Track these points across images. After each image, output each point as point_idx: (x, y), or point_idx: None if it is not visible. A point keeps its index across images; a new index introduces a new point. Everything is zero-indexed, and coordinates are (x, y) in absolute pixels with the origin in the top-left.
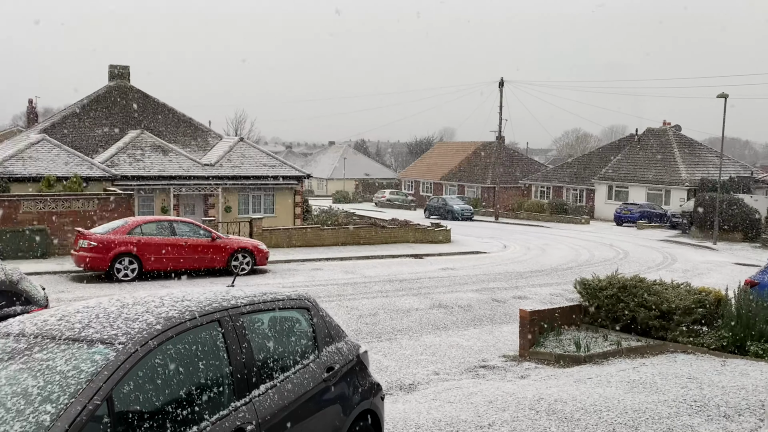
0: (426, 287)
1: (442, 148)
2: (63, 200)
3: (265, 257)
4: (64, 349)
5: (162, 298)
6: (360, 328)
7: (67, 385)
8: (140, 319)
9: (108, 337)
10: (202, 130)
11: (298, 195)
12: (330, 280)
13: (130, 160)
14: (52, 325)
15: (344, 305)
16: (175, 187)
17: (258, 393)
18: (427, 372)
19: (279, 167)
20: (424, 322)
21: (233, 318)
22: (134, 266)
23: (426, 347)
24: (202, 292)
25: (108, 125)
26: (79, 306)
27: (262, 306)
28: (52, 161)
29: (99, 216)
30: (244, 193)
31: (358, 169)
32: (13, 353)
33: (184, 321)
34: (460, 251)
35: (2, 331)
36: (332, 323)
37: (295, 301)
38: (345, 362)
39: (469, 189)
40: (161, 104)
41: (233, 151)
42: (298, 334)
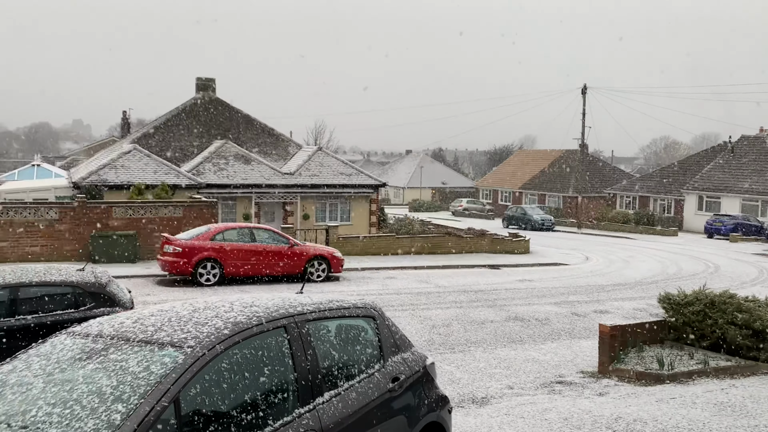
0: (502, 299)
1: (522, 156)
2: (151, 207)
3: (340, 264)
4: (137, 351)
5: (232, 303)
6: (432, 339)
7: (137, 385)
8: (209, 323)
9: (178, 340)
10: (283, 139)
11: (374, 203)
12: (403, 289)
13: (214, 169)
14: (128, 328)
15: (417, 315)
16: (257, 195)
17: (322, 401)
18: (500, 386)
19: (355, 176)
20: (499, 335)
21: (299, 324)
22: (216, 271)
23: (500, 360)
24: (270, 298)
25: (194, 135)
26: (154, 309)
27: (328, 313)
28: (142, 170)
29: (184, 222)
30: (321, 201)
31: (434, 178)
32: (91, 353)
33: (251, 326)
34: (539, 262)
35: (83, 332)
36: (398, 333)
37: (360, 309)
38: (411, 373)
39: (550, 198)
40: (244, 115)
41: (312, 160)
42: (363, 342)
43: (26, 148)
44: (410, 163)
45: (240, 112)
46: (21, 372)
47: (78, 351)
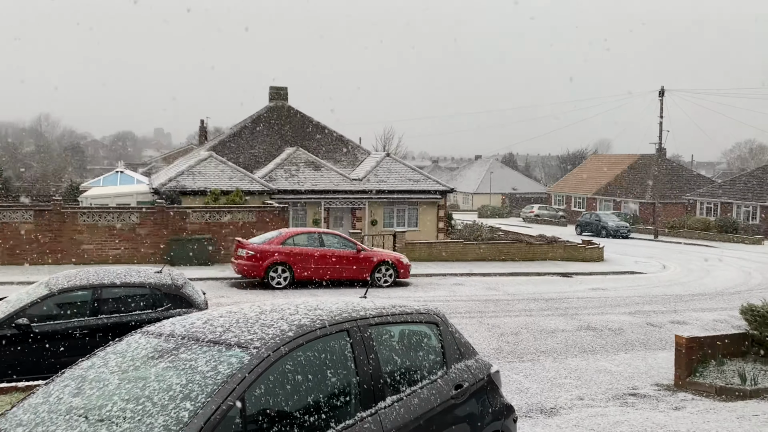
0: (574, 307)
1: (597, 161)
2: (226, 212)
3: (407, 270)
4: (206, 350)
5: (297, 306)
6: (501, 347)
7: (205, 384)
8: (275, 325)
9: (244, 341)
10: (352, 146)
11: (442, 209)
12: (471, 296)
13: (286, 175)
14: (198, 328)
15: (485, 323)
16: (326, 201)
17: (384, 405)
18: (570, 396)
19: (423, 182)
20: (570, 344)
21: (361, 329)
22: (286, 275)
23: (571, 370)
24: (334, 302)
25: (267, 142)
26: (223, 311)
27: (391, 318)
28: (217, 176)
29: (257, 227)
30: (389, 207)
31: (505, 183)
32: (163, 352)
33: (315, 329)
34: (613, 271)
35: (156, 331)
36: (462, 340)
37: (423, 315)
38: (475, 381)
39: (625, 204)
40: (315, 122)
41: (380, 166)
42: (426, 348)
43: (111, 156)
44: (480, 169)
45: (311, 119)
46: (99, 368)
47: (151, 350)
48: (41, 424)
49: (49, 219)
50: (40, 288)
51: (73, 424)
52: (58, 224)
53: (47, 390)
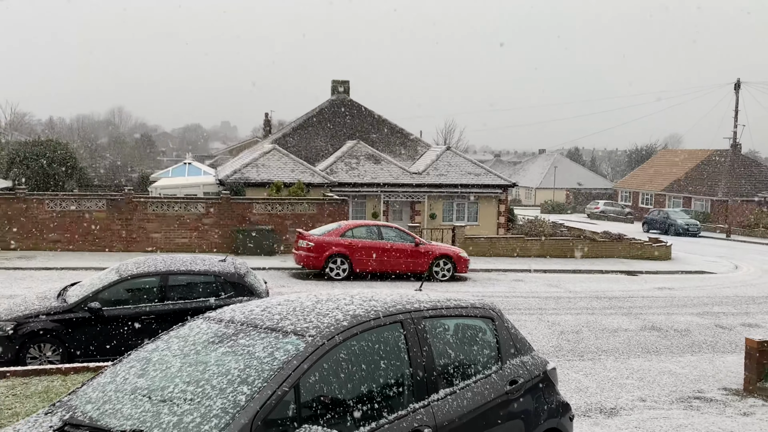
0: (638, 307)
1: (666, 157)
2: (288, 204)
3: (465, 265)
4: (263, 337)
5: (352, 297)
6: (560, 345)
7: (262, 370)
8: (330, 314)
9: (300, 329)
10: (412, 139)
11: (503, 204)
12: (532, 292)
13: (346, 168)
14: (256, 315)
15: (545, 320)
16: (385, 194)
17: (437, 397)
18: (631, 397)
19: (484, 176)
20: (633, 344)
21: (415, 321)
22: (345, 266)
23: (633, 371)
24: (389, 294)
25: (328, 135)
26: (281, 299)
27: (445, 312)
28: (280, 169)
29: (317, 219)
30: (448, 201)
31: (569, 179)
32: (222, 337)
33: (369, 320)
34: (681, 270)
35: (217, 317)
36: (518, 336)
37: (479, 309)
38: (530, 377)
39: (696, 202)
40: (376, 116)
41: (440, 159)
42: (480, 343)
43: (180, 148)
44: (543, 163)
45: (372, 113)
46: (162, 351)
47: (212, 335)
48: (108, 402)
49: (120, 208)
50: (111, 274)
51: (137, 404)
52: (129, 213)
53: (114, 370)
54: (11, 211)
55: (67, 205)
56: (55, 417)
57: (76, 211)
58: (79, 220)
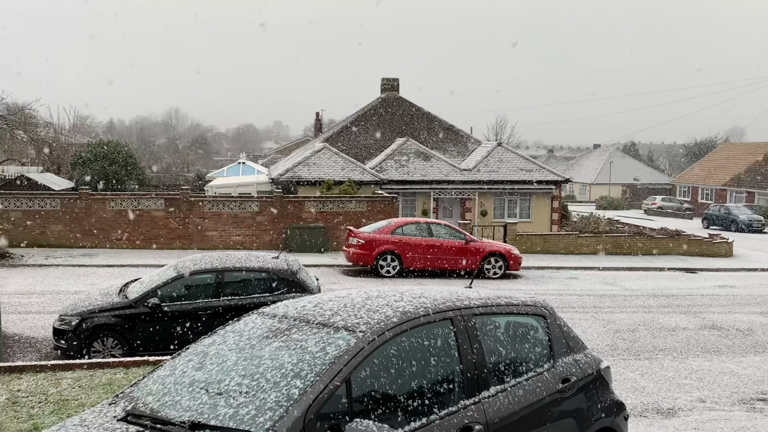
0: (697, 305)
1: (728, 150)
2: (339, 202)
3: (517, 262)
4: (315, 332)
5: (402, 294)
6: (616, 344)
7: (314, 364)
8: (380, 311)
9: (351, 325)
10: (462, 136)
11: (556, 200)
12: (586, 290)
13: (396, 166)
14: (308, 311)
15: (600, 318)
16: (435, 191)
17: (487, 394)
18: (690, 398)
19: (536, 172)
20: (692, 344)
21: (465, 318)
22: (395, 263)
23: (692, 371)
24: (439, 291)
25: (378, 134)
26: (332, 296)
27: (495, 309)
28: (330, 167)
29: (368, 216)
30: (500, 198)
31: (625, 174)
32: (276, 332)
33: (419, 316)
34: (743, 267)
35: (270, 313)
36: (570, 333)
37: (530, 307)
38: (583, 375)
39: (760, 197)
40: (425, 113)
41: (491, 156)
42: (532, 341)
43: (234, 148)
44: (598, 158)
45: (421, 110)
46: (218, 345)
47: (266, 330)
48: (168, 395)
49: (177, 207)
50: (169, 270)
51: (195, 396)
52: (186, 212)
53: (173, 363)
54: (75, 211)
55: (128, 205)
56: (118, 407)
57: (136, 210)
58: (138, 219)
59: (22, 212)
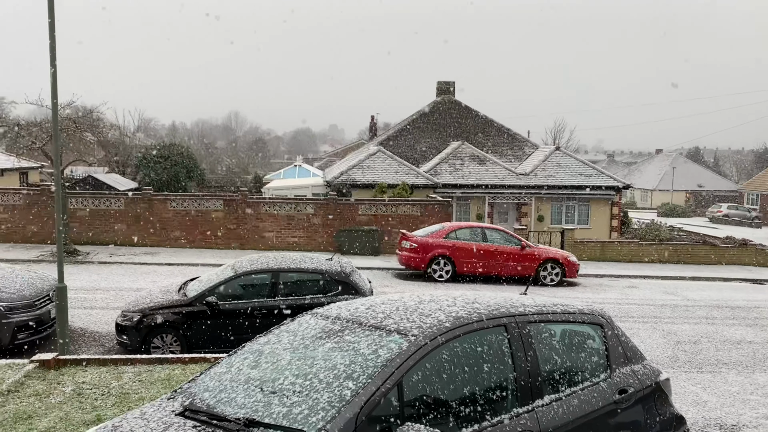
0: (764, 318)
1: None
2: (392, 205)
3: (574, 269)
4: (368, 334)
5: (455, 299)
6: (676, 356)
7: (366, 366)
8: (432, 315)
9: (403, 328)
10: (519, 139)
11: (616, 206)
12: (646, 299)
13: (450, 170)
14: (361, 313)
15: (660, 329)
16: (490, 195)
17: (541, 403)
18: (756, 415)
19: (595, 177)
20: (759, 358)
21: (519, 325)
22: (448, 268)
23: (758, 386)
24: (492, 297)
25: (432, 137)
26: (385, 299)
27: (551, 317)
28: (384, 170)
29: (421, 220)
30: (557, 203)
31: (689, 180)
32: (329, 333)
33: (472, 322)
34: None
35: (324, 314)
36: (628, 343)
37: (587, 315)
38: (641, 387)
39: None
40: (481, 116)
41: (548, 160)
42: (588, 350)
43: (291, 151)
44: (660, 164)
45: (477, 113)
46: (273, 345)
47: (319, 330)
48: (224, 391)
49: (236, 208)
50: (226, 270)
51: (250, 393)
52: (244, 213)
53: (229, 361)
54: (138, 210)
55: (188, 205)
56: (176, 402)
57: (196, 210)
58: (198, 219)
59: (89, 211)
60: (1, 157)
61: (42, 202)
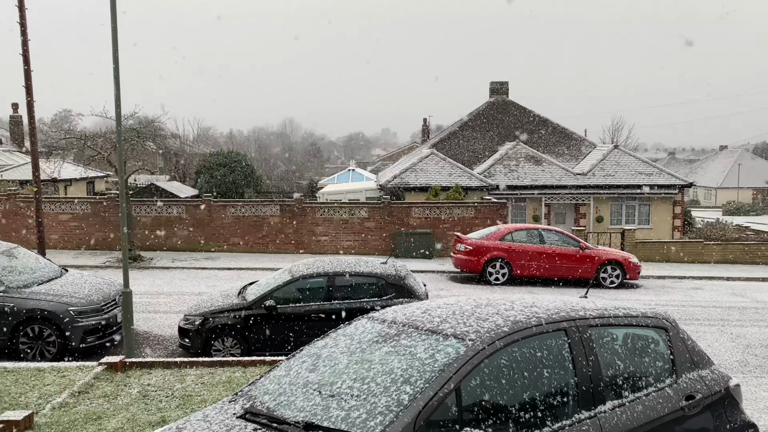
0: None
1: None
2: (446, 207)
3: (636, 271)
4: (424, 339)
5: (512, 302)
6: (746, 360)
7: (423, 371)
8: (490, 319)
9: (460, 333)
10: (576, 139)
11: (678, 206)
12: (712, 301)
13: (504, 171)
14: (417, 317)
15: (727, 332)
16: (547, 196)
17: (604, 409)
18: None
19: (656, 175)
20: None
21: (580, 329)
22: (504, 271)
23: None
24: (551, 300)
25: (486, 138)
26: (441, 302)
27: (613, 321)
28: (437, 173)
29: (475, 222)
30: (616, 203)
31: (756, 177)
32: (386, 337)
33: (530, 326)
34: None
35: (380, 317)
36: (695, 348)
37: (651, 319)
38: (709, 393)
39: None
40: (536, 115)
41: (606, 159)
42: (652, 354)
43: (345, 155)
44: (725, 161)
45: (532, 113)
46: (330, 348)
47: (375, 334)
48: (283, 395)
49: (291, 213)
50: (284, 274)
51: (309, 397)
52: (299, 218)
53: (288, 364)
54: (198, 217)
55: (246, 211)
56: (237, 405)
57: (253, 216)
58: (255, 225)
59: (151, 218)
60: (70, 167)
61: (107, 210)
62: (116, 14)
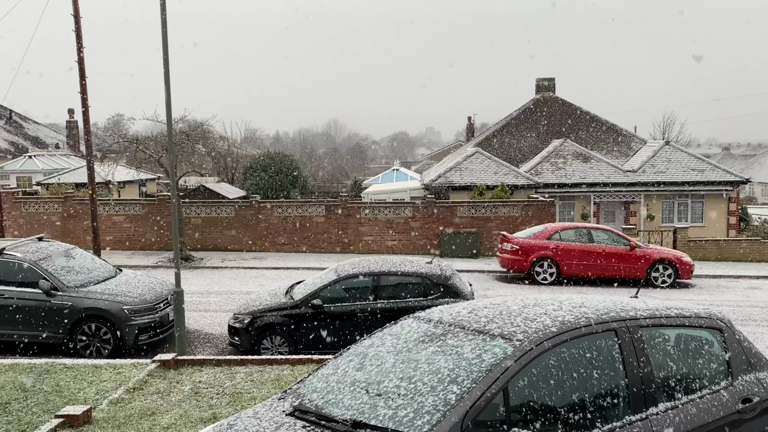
0: None
1: None
2: (491, 206)
3: (688, 270)
4: (471, 339)
5: (561, 302)
6: None
7: (470, 371)
8: (538, 319)
9: (507, 333)
10: (625, 135)
11: (733, 202)
12: None
13: (552, 169)
14: (463, 317)
15: None
16: (595, 194)
17: (656, 411)
18: None
19: (710, 172)
20: None
21: (631, 330)
22: (552, 270)
23: None
24: (601, 300)
25: (532, 136)
26: (488, 302)
27: (665, 321)
28: (483, 171)
29: (522, 221)
30: (668, 201)
31: None
32: (432, 337)
33: (579, 327)
34: None
35: (426, 317)
36: (752, 349)
37: (704, 320)
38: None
39: None
40: (584, 112)
41: (657, 156)
42: (706, 356)
43: (389, 155)
44: None
45: (579, 109)
46: (377, 347)
47: (422, 334)
48: (331, 393)
49: (337, 214)
50: (330, 273)
51: (356, 395)
52: (344, 218)
53: (336, 363)
54: (246, 217)
55: (292, 212)
56: (286, 403)
57: (300, 216)
58: (302, 225)
59: (201, 219)
60: (122, 170)
61: (159, 212)
62: (167, 27)
